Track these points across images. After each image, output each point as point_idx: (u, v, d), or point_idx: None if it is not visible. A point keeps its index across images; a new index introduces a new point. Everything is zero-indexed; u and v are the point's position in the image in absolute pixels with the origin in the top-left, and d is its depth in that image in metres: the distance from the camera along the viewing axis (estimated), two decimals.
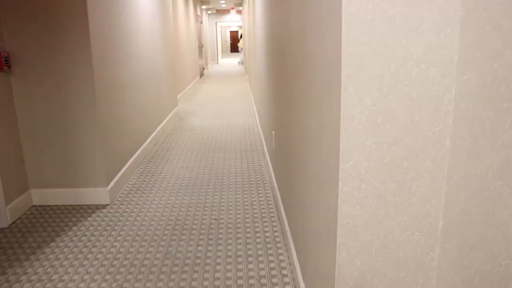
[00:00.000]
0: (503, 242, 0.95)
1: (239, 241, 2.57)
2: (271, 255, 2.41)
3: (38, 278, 2.22)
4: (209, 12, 18.55)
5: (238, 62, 19.93)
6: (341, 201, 1.22)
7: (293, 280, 2.16)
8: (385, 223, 1.25)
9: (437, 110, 1.15)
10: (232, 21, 20.46)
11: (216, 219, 2.88)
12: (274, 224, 2.79)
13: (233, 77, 13.32)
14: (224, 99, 8.56)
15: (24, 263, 2.37)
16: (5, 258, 2.42)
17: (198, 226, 2.78)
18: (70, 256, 2.43)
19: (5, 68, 2.83)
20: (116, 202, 3.21)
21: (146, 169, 3.98)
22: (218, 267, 2.29)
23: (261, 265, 2.30)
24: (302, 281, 1.95)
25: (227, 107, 7.59)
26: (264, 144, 4.47)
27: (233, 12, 19.29)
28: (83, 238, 2.65)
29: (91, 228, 2.78)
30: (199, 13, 13.43)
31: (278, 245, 2.51)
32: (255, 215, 2.93)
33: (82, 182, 3.14)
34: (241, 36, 17.84)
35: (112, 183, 3.25)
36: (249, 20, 8.67)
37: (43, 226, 2.82)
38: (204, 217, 2.92)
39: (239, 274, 2.23)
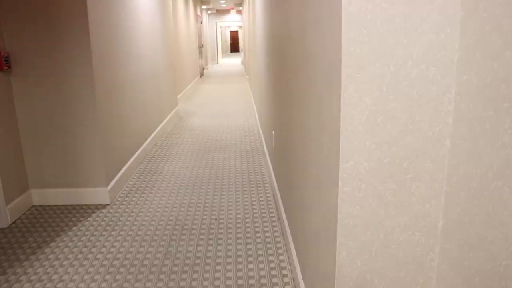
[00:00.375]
0: (503, 242, 0.95)
1: (239, 241, 2.57)
2: (271, 255, 2.41)
3: (38, 278, 2.22)
4: (209, 12, 18.54)
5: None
6: (341, 201, 1.22)
7: (293, 280, 2.16)
8: (385, 223, 1.25)
9: (437, 110, 1.15)
10: (232, 21, 20.45)
11: (216, 219, 2.88)
12: (274, 224, 2.79)
13: (233, 77, 13.32)
14: (224, 99, 8.56)
15: (24, 263, 2.37)
16: (5, 258, 2.42)
17: (198, 226, 2.78)
18: (70, 256, 2.43)
19: (5, 68, 2.83)
20: (116, 202, 3.21)
21: (146, 169, 3.98)
22: (218, 267, 2.29)
23: (261, 265, 2.30)
24: (302, 281, 1.95)
25: (227, 107, 7.59)
26: (264, 144, 4.47)
27: (233, 12, 19.29)
28: (83, 238, 2.65)
29: (91, 228, 2.78)
30: (199, 13, 13.43)
31: (278, 245, 2.51)
32: (255, 215, 2.93)
33: (82, 182, 3.14)
34: None
35: (112, 183, 3.25)
36: (249, 20, 8.67)
37: (43, 226, 2.82)
38: (204, 217, 2.92)
39: (239, 274, 2.23)
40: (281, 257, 2.38)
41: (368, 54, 1.12)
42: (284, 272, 2.24)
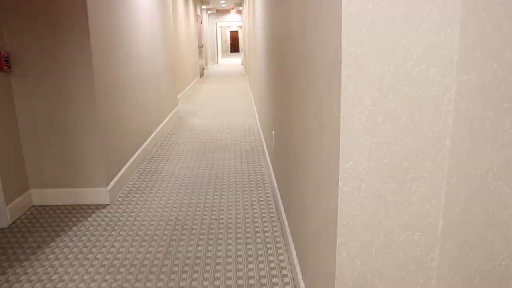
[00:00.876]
0: (503, 242, 0.95)
1: (239, 241, 2.57)
2: (271, 255, 2.41)
3: (38, 278, 2.22)
4: (209, 12, 18.54)
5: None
6: (341, 201, 1.22)
7: (293, 280, 2.16)
8: (385, 223, 1.25)
9: (437, 110, 1.15)
10: (232, 21, 20.45)
11: (216, 219, 2.88)
12: (274, 224, 2.79)
13: (233, 77, 13.32)
14: (224, 99, 8.56)
15: (24, 263, 2.37)
16: (5, 258, 2.42)
17: (198, 226, 2.78)
18: (70, 256, 2.43)
19: (5, 68, 2.83)
20: (116, 202, 3.20)
21: (146, 169, 3.98)
22: (218, 267, 2.29)
23: (261, 265, 2.30)
24: (302, 281, 1.95)
25: (227, 107, 7.59)
26: (264, 144, 4.47)
27: (233, 12, 19.29)
28: (83, 238, 2.65)
29: (91, 228, 2.78)
30: (199, 13, 13.43)
31: (278, 245, 2.51)
32: (255, 215, 2.93)
33: (82, 182, 3.14)
34: None
35: (112, 183, 3.25)
36: (249, 20, 8.67)
37: (43, 226, 2.82)
38: (204, 217, 2.92)
39: (239, 274, 2.23)
40: (281, 257, 2.38)
41: (368, 54, 1.12)
42: (284, 272, 2.24)
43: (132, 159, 3.88)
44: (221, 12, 19.46)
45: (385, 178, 1.21)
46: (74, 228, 2.78)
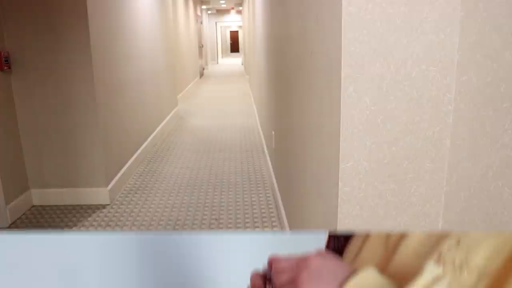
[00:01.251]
0: None
1: None
2: None
3: None
4: (209, 12, 18.54)
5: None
6: (341, 201, 1.22)
7: None
8: (385, 223, 1.24)
9: (437, 110, 1.15)
10: (232, 21, 20.46)
11: (216, 219, 2.88)
12: (274, 224, 2.79)
13: (233, 77, 13.32)
14: (224, 99, 8.56)
15: None
16: None
17: (198, 226, 2.78)
18: None
19: (5, 68, 2.83)
20: (116, 202, 3.20)
21: (146, 169, 3.98)
22: None
23: None
24: None
25: (227, 107, 7.59)
26: (264, 144, 4.47)
27: (233, 12, 19.29)
28: None
29: (91, 228, 2.78)
30: (199, 13, 13.44)
31: None
32: (255, 215, 2.93)
33: (82, 182, 3.13)
34: None
35: (112, 183, 3.25)
36: (249, 20, 8.67)
37: (43, 226, 2.82)
38: (204, 217, 2.92)
39: None
40: None
41: (368, 54, 1.12)
42: None
43: (132, 159, 3.88)
44: (221, 12, 19.46)
45: (385, 178, 1.21)
46: (74, 228, 2.78)
